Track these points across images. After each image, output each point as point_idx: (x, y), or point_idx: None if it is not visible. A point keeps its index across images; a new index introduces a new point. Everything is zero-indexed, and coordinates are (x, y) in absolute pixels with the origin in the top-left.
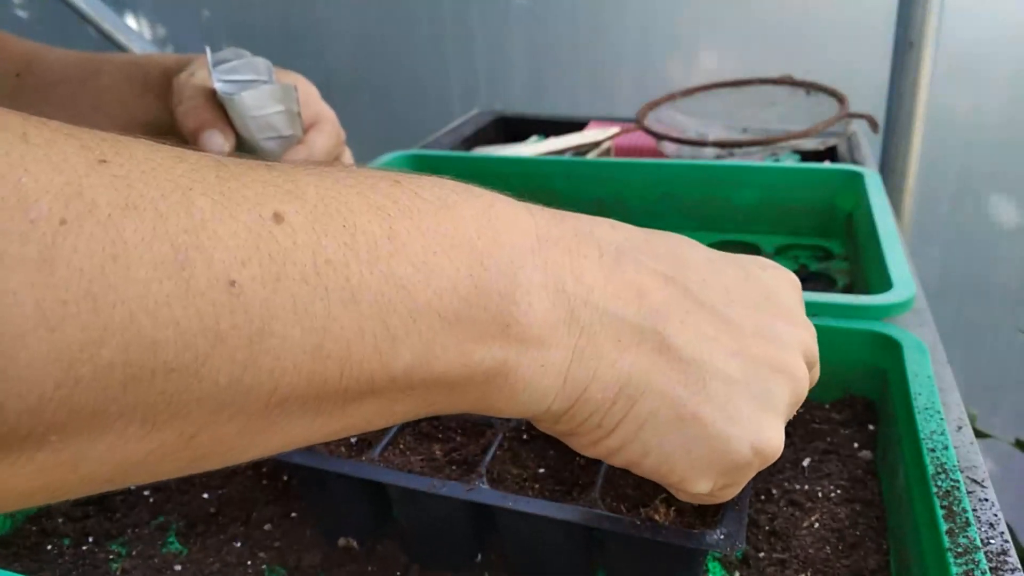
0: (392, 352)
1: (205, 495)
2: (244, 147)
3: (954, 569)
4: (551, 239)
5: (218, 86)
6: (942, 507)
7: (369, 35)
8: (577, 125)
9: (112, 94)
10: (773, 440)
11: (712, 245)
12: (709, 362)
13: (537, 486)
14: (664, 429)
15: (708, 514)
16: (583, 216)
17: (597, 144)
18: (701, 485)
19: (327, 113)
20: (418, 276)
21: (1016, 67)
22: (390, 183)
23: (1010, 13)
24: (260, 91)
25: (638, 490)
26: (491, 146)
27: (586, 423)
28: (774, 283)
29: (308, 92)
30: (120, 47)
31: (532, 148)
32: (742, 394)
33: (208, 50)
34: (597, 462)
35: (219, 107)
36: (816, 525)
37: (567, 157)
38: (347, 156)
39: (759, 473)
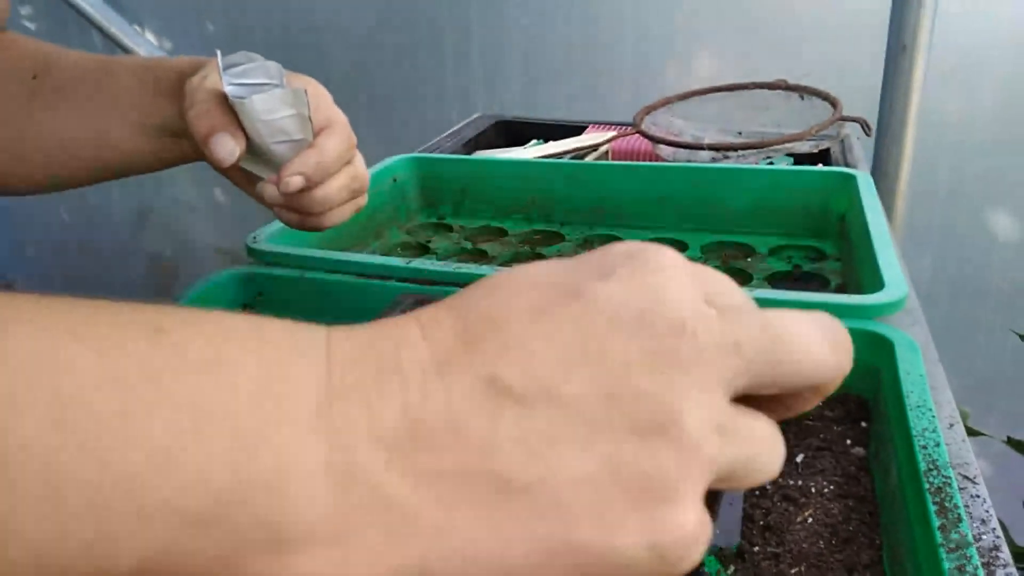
0: (109, 561)
1: None
2: (255, 151)
3: (946, 564)
4: (346, 389)
5: (228, 89)
6: (934, 503)
7: (368, 41)
8: (576, 129)
9: (126, 97)
10: (676, 527)
11: (707, 246)
12: (558, 471)
13: None
14: (548, 571)
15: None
16: (392, 327)
17: (595, 148)
18: None
19: (339, 117)
20: (153, 466)
21: (1008, 71)
22: (149, 335)
23: (1003, 17)
24: (271, 95)
25: None
26: (491, 150)
27: None
28: (626, 291)
29: (319, 96)
30: (128, 53)
31: (531, 151)
32: (613, 491)
33: (219, 53)
34: None
35: (231, 111)
36: (810, 520)
37: (566, 160)
38: (358, 161)
39: None
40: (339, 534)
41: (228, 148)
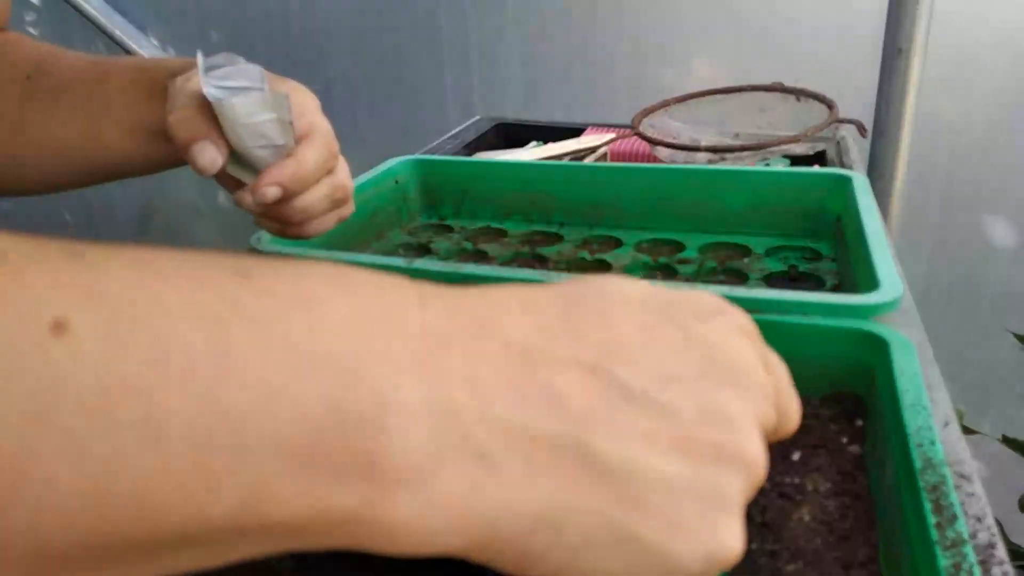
0: (210, 498)
1: None
2: (237, 157)
3: (942, 561)
4: (443, 338)
5: (208, 92)
6: (930, 501)
7: (368, 44)
8: (574, 131)
9: (119, 98)
10: (728, 544)
11: (704, 247)
12: (645, 467)
13: None
14: (602, 554)
15: None
16: (490, 293)
17: (594, 150)
18: None
19: (322, 125)
20: (253, 402)
21: (1004, 74)
22: (234, 277)
23: (999, 20)
24: (251, 97)
25: None
26: (491, 151)
27: (502, 556)
28: (719, 337)
29: (304, 102)
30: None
31: (531, 153)
32: (687, 498)
33: (200, 54)
34: None
35: (212, 115)
36: (807, 518)
37: (565, 162)
38: (341, 170)
39: None
40: (423, 477)
41: (210, 157)
